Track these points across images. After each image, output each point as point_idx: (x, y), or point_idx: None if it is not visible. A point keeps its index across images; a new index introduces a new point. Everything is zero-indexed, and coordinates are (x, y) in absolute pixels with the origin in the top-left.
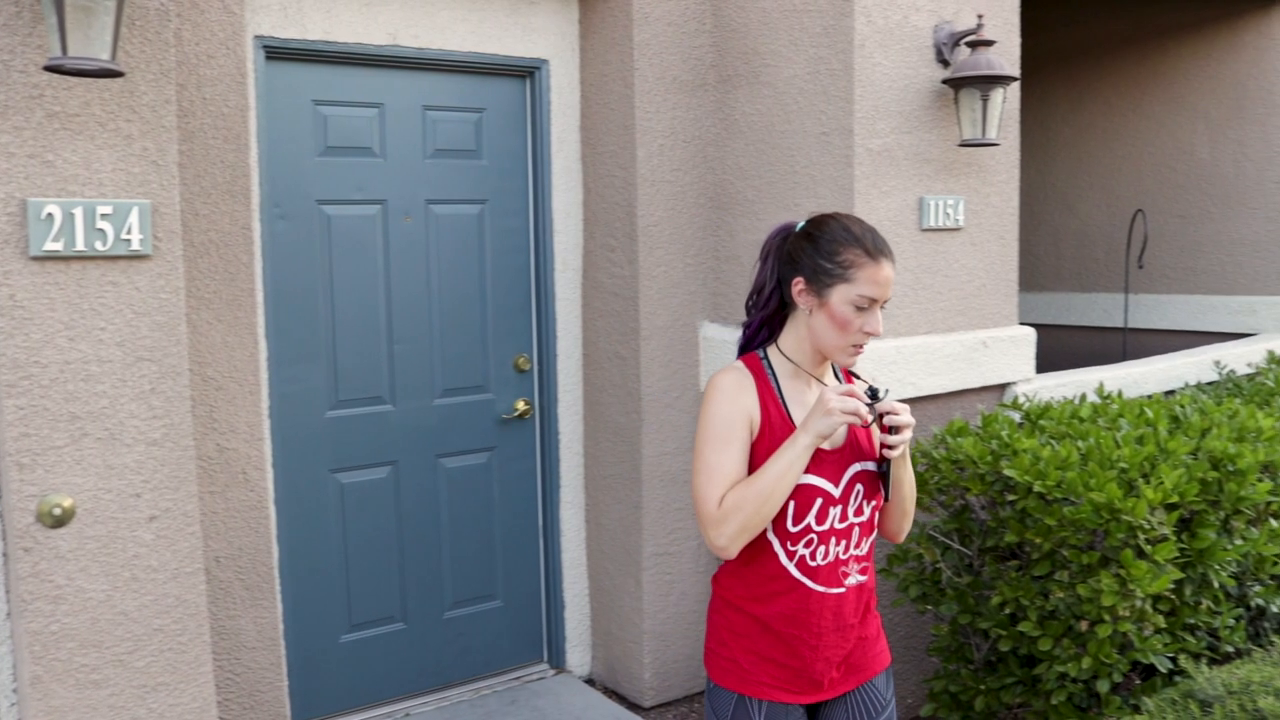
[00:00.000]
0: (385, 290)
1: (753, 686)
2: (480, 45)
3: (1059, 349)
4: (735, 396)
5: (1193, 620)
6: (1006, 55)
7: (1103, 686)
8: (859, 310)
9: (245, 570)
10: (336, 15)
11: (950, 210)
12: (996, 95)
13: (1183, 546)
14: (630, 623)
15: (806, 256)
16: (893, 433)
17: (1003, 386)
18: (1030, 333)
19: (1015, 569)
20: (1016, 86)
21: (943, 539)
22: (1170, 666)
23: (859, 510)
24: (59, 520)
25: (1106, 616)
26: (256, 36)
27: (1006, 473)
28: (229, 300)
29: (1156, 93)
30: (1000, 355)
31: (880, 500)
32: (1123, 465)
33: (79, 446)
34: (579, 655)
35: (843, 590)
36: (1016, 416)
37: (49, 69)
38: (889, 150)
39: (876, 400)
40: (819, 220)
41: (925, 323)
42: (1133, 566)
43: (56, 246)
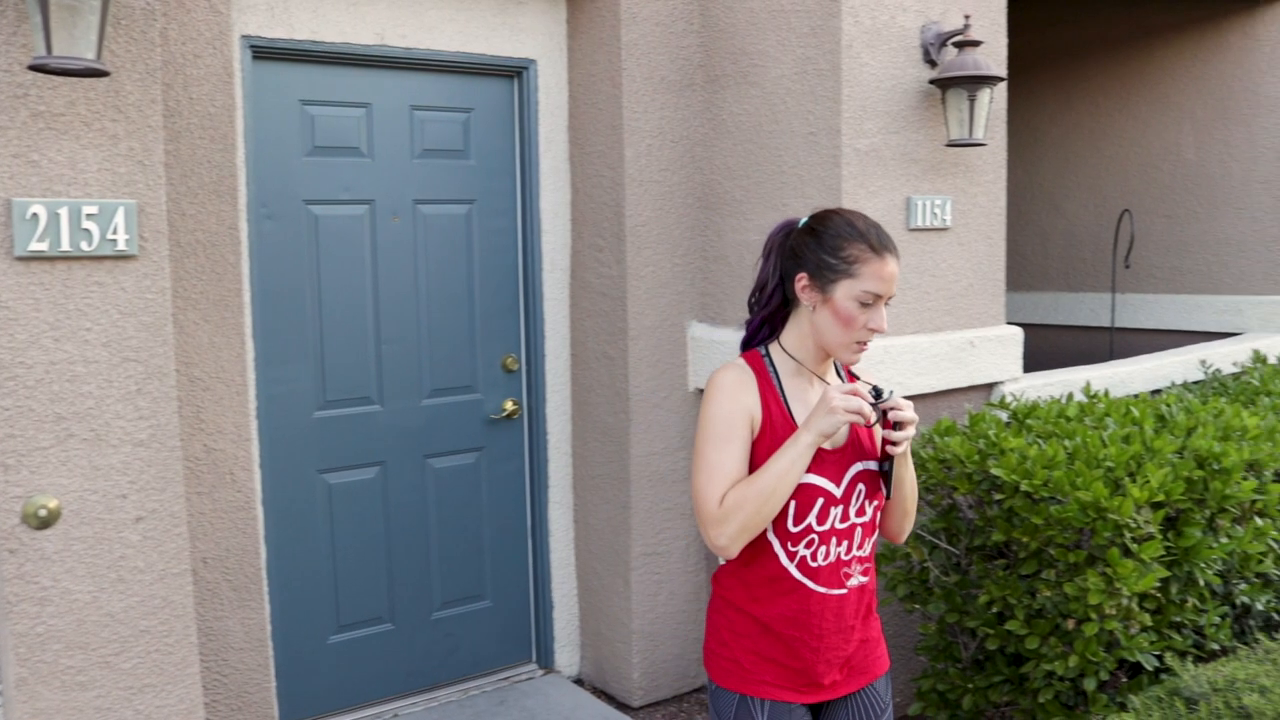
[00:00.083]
0: (373, 290)
1: (755, 686)
2: (468, 45)
3: (1046, 348)
4: (736, 394)
5: (1179, 618)
6: (993, 56)
7: (1089, 685)
8: (863, 306)
9: (232, 571)
10: (324, 15)
11: (937, 210)
12: (983, 95)
13: (1168, 545)
14: (619, 622)
15: (810, 252)
16: (897, 429)
17: (990, 386)
18: (1017, 332)
19: (1002, 568)
20: (1003, 87)
21: (930, 538)
22: (1156, 664)
23: (860, 510)
24: (44, 521)
25: (1093, 615)
26: (243, 36)
27: (994, 472)
28: (216, 300)
29: (1143, 93)
30: (987, 355)
31: (882, 500)
32: (1109, 464)
33: (65, 447)
34: (568, 655)
35: (844, 591)
36: (1004, 416)
37: (33, 68)
38: (876, 150)
39: (880, 399)
40: (822, 215)
41: (913, 322)
42: (1119, 565)
43: (42, 247)
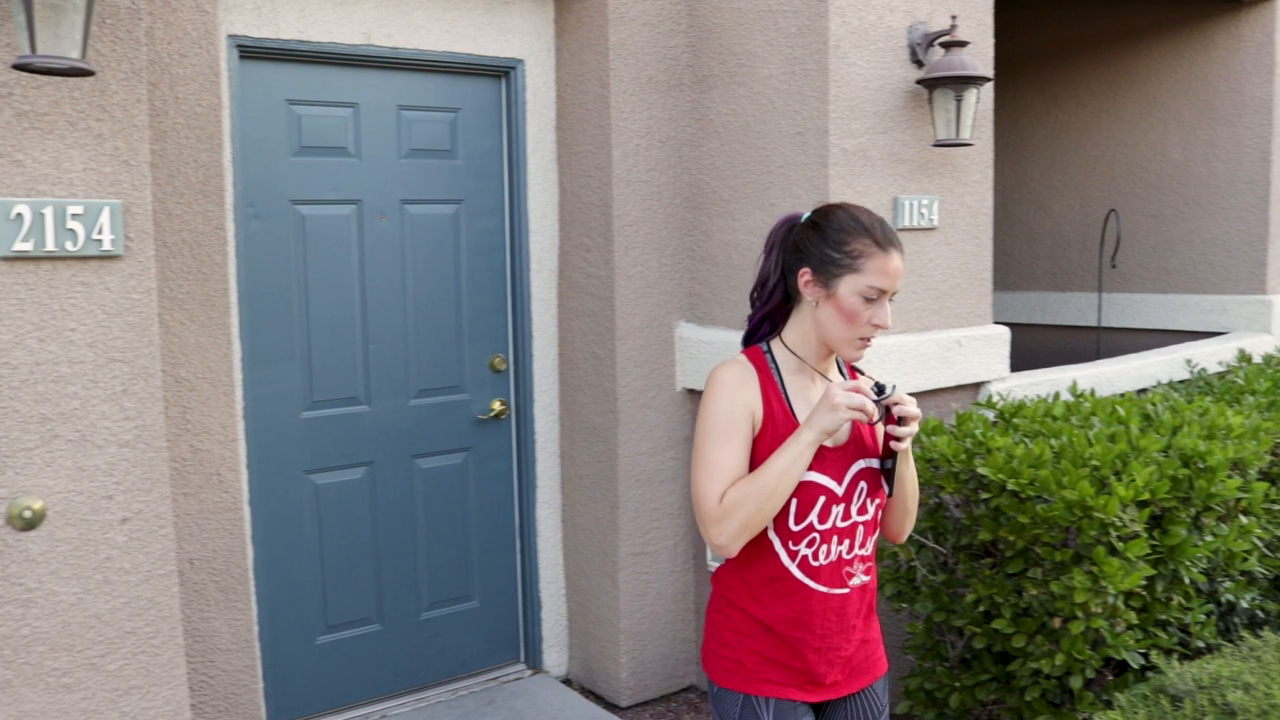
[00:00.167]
0: (360, 290)
1: (759, 685)
2: (455, 45)
3: (1034, 348)
4: (737, 390)
5: (1164, 616)
6: (980, 56)
7: (1075, 683)
8: (867, 302)
9: (219, 572)
10: (310, 14)
11: (925, 210)
12: (970, 96)
13: (1154, 543)
14: (607, 622)
15: (814, 246)
16: (901, 424)
17: (977, 385)
18: (1004, 332)
19: (989, 567)
20: (990, 87)
21: (917, 537)
22: (1142, 662)
23: (862, 509)
24: (29, 523)
25: (1079, 613)
26: (230, 35)
27: (980, 471)
28: (202, 301)
29: (1130, 93)
30: (974, 354)
31: (884, 498)
32: (1095, 463)
33: (50, 448)
34: (556, 655)
35: (846, 591)
36: (990, 415)
37: (17, 67)
38: (864, 150)
39: (883, 395)
40: (826, 210)
41: (900, 322)
42: (1105, 563)
43: (26, 247)
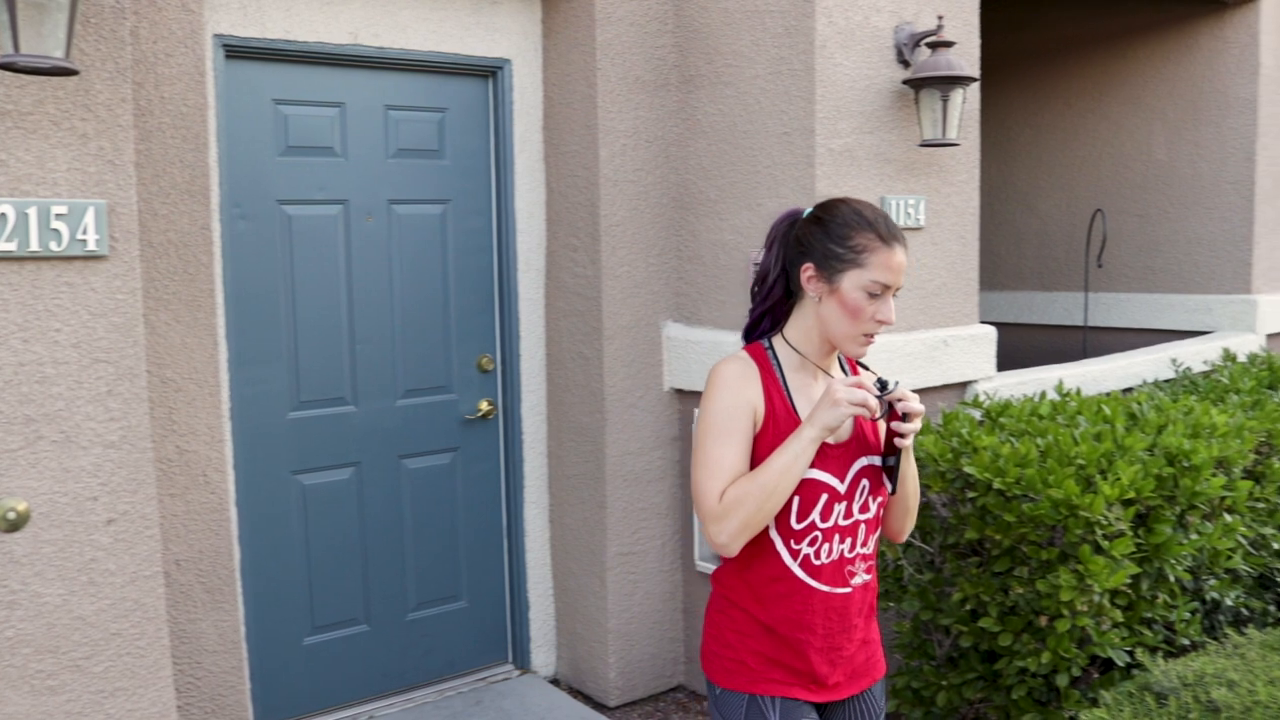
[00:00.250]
0: (347, 291)
1: (764, 684)
2: (442, 45)
3: (1020, 347)
4: (739, 387)
5: (1149, 614)
6: (966, 56)
7: (1062, 681)
8: (871, 297)
9: (206, 573)
10: (297, 14)
11: (911, 210)
12: (956, 96)
13: (1139, 542)
14: (595, 622)
15: (817, 241)
16: (905, 420)
17: (964, 385)
18: (991, 331)
19: (976, 565)
20: (976, 87)
21: None
22: (1127, 660)
23: (864, 507)
24: (13, 524)
25: (1065, 611)
26: (216, 35)
27: (967, 470)
28: (188, 301)
29: (1115, 94)
30: (961, 354)
31: (886, 496)
32: (1081, 462)
33: (34, 449)
34: (544, 655)
35: (849, 590)
36: (977, 414)
37: (1, 67)
38: (850, 150)
39: (885, 391)
40: (829, 205)
41: None
42: (1090, 562)
43: (10, 247)
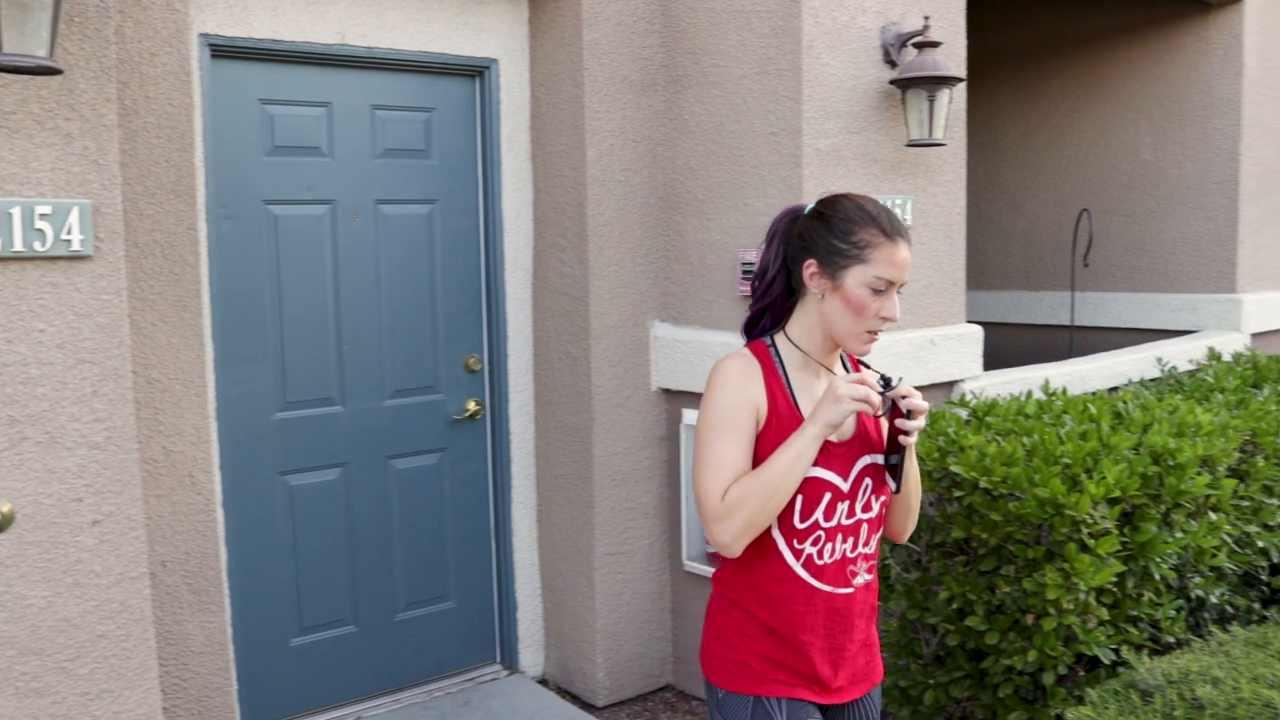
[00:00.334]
0: (334, 291)
1: (769, 685)
2: (429, 44)
3: (1007, 347)
4: (741, 385)
5: (1135, 612)
6: (953, 56)
7: (1048, 679)
8: (875, 293)
9: (192, 574)
10: (283, 13)
11: (898, 210)
12: (943, 96)
13: (1125, 540)
14: (583, 622)
15: (819, 237)
16: (909, 417)
17: (950, 384)
18: (978, 331)
19: (962, 564)
20: (963, 87)
21: None
22: (1113, 658)
23: (867, 506)
24: None
25: (1051, 610)
26: (201, 34)
27: (953, 469)
28: (174, 301)
29: (1101, 94)
30: (948, 353)
31: (889, 495)
32: (1066, 461)
33: (18, 450)
34: (532, 655)
35: (851, 590)
36: (963, 414)
37: None
38: (837, 150)
39: (889, 388)
40: (831, 200)
41: None
42: (1076, 560)
43: None
